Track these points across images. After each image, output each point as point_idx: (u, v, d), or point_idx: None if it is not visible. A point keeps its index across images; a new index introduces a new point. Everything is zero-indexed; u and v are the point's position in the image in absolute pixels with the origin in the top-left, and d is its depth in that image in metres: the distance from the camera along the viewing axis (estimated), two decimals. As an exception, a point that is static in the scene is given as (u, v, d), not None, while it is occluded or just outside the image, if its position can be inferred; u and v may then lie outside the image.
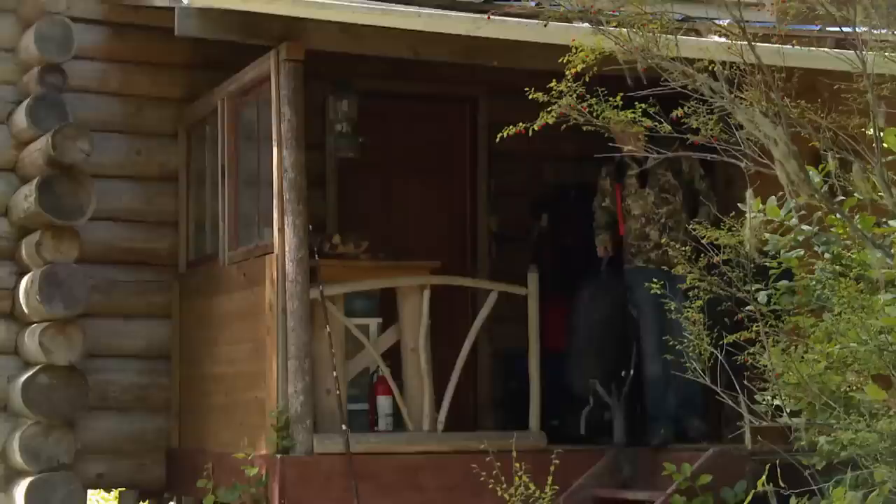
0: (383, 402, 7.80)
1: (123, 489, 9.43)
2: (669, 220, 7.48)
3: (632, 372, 7.64)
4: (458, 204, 9.86)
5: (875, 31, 4.58)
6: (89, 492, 9.40)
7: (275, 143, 7.33)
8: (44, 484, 8.17)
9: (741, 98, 4.16)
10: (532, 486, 4.14)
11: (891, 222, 4.19)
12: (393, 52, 7.62)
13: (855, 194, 4.51)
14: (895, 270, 4.09)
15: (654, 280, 6.45)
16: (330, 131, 9.01)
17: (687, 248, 5.99)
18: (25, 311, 8.27)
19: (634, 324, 7.66)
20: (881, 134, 4.08)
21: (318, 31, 7.19)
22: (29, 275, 8.24)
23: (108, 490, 10.64)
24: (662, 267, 6.91)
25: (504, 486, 4.14)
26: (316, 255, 7.59)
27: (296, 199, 7.28)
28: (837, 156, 4.34)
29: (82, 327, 8.31)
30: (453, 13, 7.21)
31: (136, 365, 8.92)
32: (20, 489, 8.19)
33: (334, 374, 7.32)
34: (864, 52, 4.20)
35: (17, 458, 8.21)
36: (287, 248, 7.25)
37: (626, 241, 7.70)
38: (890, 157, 4.25)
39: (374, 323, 7.90)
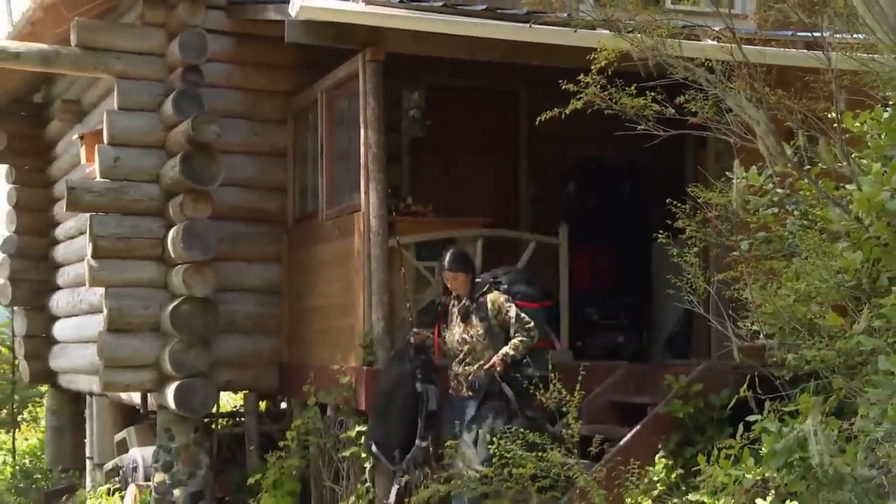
0: (445, 328, 7.86)
1: (247, 392, 9.57)
2: (468, 357, 6.38)
3: (422, 444, 6.44)
4: (503, 174, 9.85)
5: (838, 35, 4.52)
6: (221, 393, 9.56)
7: (361, 126, 7.35)
8: (187, 387, 8.32)
9: (731, 87, 4.12)
10: (563, 391, 4.16)
11: (848, 186, 4.14)
12: (453, 53, 7.59)
13: (819, 164, 4.46)
14: (851, 223, 4.04)
15: (453, 408, 6.40)
16: (403, 117, 9.03)
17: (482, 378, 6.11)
18: (172, 255, 8.36)
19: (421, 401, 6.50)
20: (842, 116, 4.04)
21: (395, 37, 7.17)
22: (174, 227, 8.33)
23: (235, 392, 10.80)
24: (460, 395, 6.42)
25: (542, 390, 4.16)
26: (393, 213, 7.63)
27: (377, 170, 7.30)
28: (806, 133, 4.30)
29: (214, 268, 8.41)
30: (502, 22, 7.19)
31: (254, 298, 8.99)
32: (170, 390, 8.34)
33: (407, 305, 7.35)
34: (829, 52, 4.14)
35: (167, 367, 8.34)
36: (371, 208, 7.27)
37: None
38: (848, 135, 4.20)
39: (438, 266, 7.93)
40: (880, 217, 3.68)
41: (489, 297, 6.40)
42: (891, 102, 4.36)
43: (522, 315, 6.30)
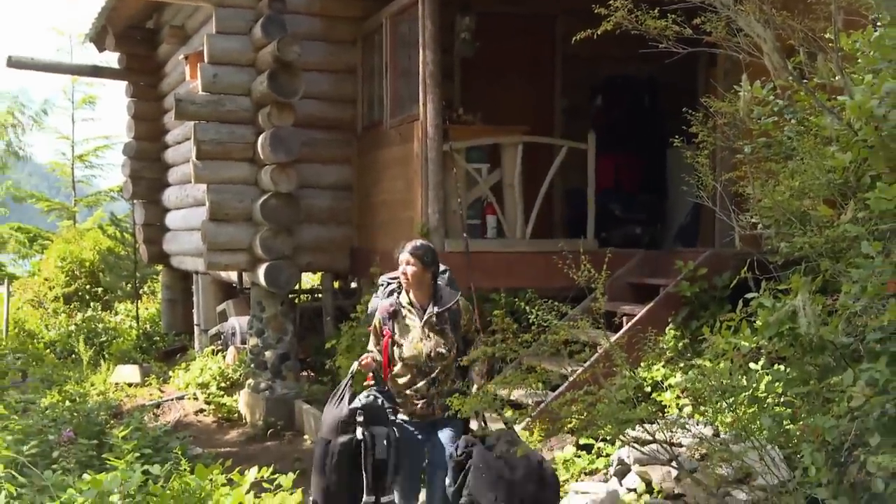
0: (490, 219, 7.86)
1: (324, 272, 9.70)
2: (440, 375, 4.60)
3: (370, 499, 4.51)
4: (540, 89, 9.71)
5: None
6: (302, 273, 9.70)
7: (420, 47, 7.26)
8: (275, 267, 8.46)
9: (742, 9, 3.98)
10: (593, 271, 4.16)
11: (840, 98, 4.01)
12: (499, -16, 7.43)
13: (816, 78, 4.32)
14: (842, 129, 3.93)
15: (417, 435, 4.64)
16: (456, 39, 8.91)
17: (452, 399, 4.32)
18: (261, 157, 8.41)
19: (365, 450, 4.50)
20: (838, 35, 3.89)
21: (450, -31, 7.02)
22: (263, 134, 8.36)
23: (314, 272, 10.97)
24: (426, 420, 4.65)
25: (574, 270, 4.16)
26: (447, 122, 7.57)
27: (434, 84, 7.23)
28: (806, 50, 4.16)
29: (296, 169, 8.46)
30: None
31: (329, 194, 9.06)
32: (261, 270, 8.48)
33: (458, 200, 7.38)
34: (829, -23, 3.97)
35: (258, 250, 8.47)
36: (428, 117, 7.23)
37: (393, 388, 4.68)
38: (843, 52, 4.06)
39: (484, 167, 7.89)
40: (868, 122, 3.57)
41: (461, 304, 4.74)
42: (880, 23, 4.20)
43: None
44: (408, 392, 4.64)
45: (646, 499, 4.93)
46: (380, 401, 4.56)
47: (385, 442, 4.47)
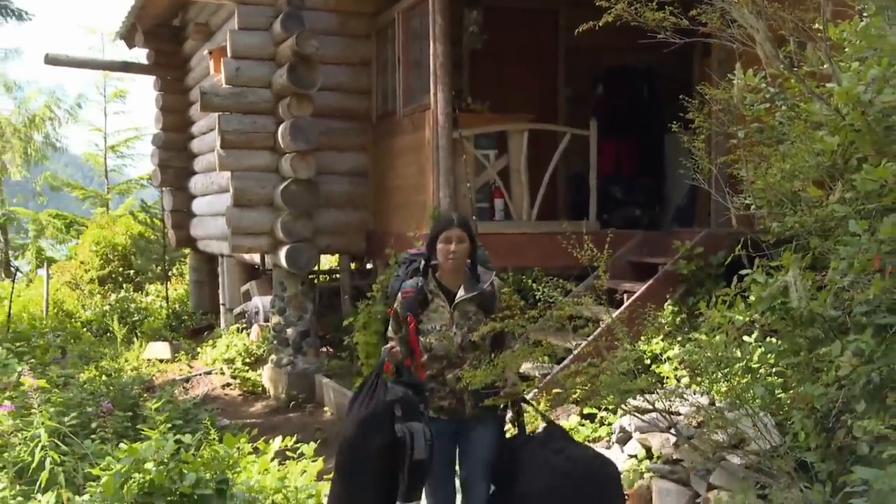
0: (498, 203, 7.87)
1: (341, 254, 9.72)
2: (472, 366, 3.74)
3: None
4: (544, 79, 9.67)
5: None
6: (321, 255, 9.72)
7: (431, 40, 7.23)
8: (295, 249, 8.49)
9: (735, 1, 3.97)
10: (595, 251, 4.16)
11: (828, 85, 4.00)
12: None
13: (805, 66, 4.30)
14: (830, 114, 3.93)
15: (445, 435, 3.84)
16: (464, 32, 8.88)
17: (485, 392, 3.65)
18: (281, 145, 8.42)
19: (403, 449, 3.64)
20: (827, 25, 3.87)
21: (458, -34, 6.99)
22: (283, 124, 8.37)
23: (332, 254, 10.99)
24: (454, 419, 3.88)
25: (578, 250, 4.16)
26: (456, 111, 7.56)
27: (444, 75, 7.21)
28: (797, 40, 4.14)
29: (314, 156, 8.47)
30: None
31: (347, 180, 9.07)
32: (282, 252, 8.51)
33: (468, 185, 7.37)
34: (818, -30, 3.94)
35: (279, 234, 8.50)
36: (439, 106, 7.22)
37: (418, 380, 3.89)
38: (831, 41, 4.04)
39: (492, 153, 7.88)
40: (855, 107, 3.57)
41: (496, 285, 3.99)
42: (866, 14, 4.18)
43: None
44: (433, 385, 3.86)
45: (646, 464, 4.96)
46: (410, 393, 3.77)
47: (423, 439, 3.64)
